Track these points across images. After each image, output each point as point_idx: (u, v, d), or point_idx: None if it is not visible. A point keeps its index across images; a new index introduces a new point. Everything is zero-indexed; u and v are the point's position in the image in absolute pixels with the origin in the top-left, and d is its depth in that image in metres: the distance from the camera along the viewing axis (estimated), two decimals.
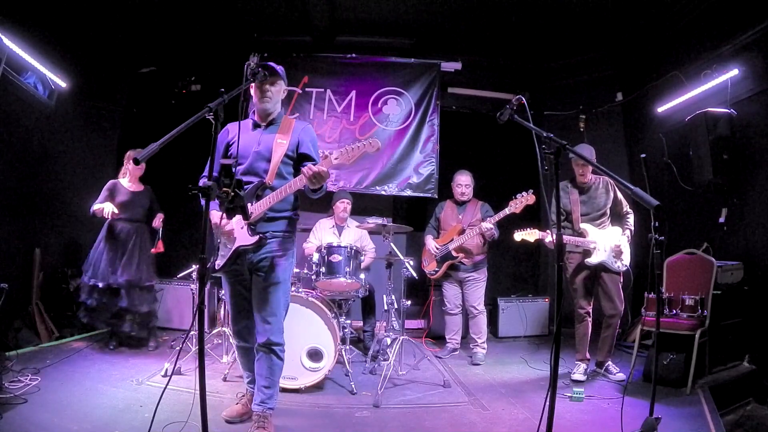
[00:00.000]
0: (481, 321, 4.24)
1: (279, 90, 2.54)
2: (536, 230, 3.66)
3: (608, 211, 3.69)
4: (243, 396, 2.80)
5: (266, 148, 2.46)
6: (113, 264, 3.86)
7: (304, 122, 2.69)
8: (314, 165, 2.26)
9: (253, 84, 2.42)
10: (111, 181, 4.02)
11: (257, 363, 2.52)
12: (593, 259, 3.55)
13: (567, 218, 3.72)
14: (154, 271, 4.12)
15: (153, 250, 4.00)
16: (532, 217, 4.72)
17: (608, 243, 3.56)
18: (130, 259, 3.89)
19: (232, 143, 2.48)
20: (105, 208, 3.73)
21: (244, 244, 2.39)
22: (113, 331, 4.04)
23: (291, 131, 2.51)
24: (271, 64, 2.45)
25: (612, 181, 3.61)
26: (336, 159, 2.28)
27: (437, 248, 4.27)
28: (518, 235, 3.71)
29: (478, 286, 4.26)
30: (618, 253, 3.56)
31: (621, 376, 3.61)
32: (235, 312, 2.59)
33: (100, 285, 3.81)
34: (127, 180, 4.03)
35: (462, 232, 4.16)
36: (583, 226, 3.61)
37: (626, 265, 3.64)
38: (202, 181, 2.50)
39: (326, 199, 4.60)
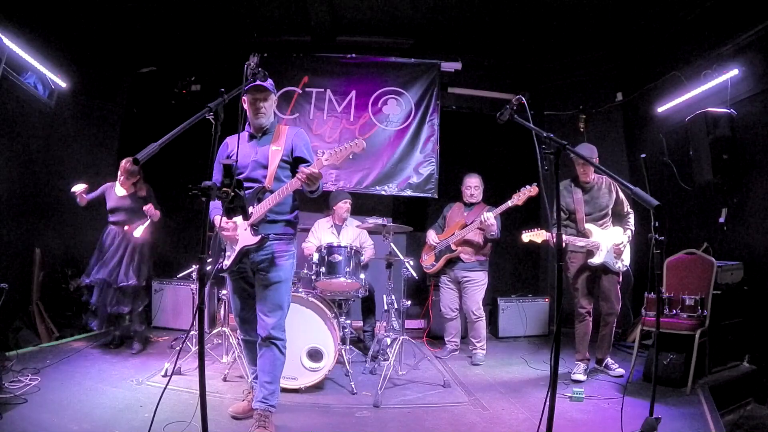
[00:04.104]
0: (480, 326, 4.21)
1: (271, 104, 2.67)
2: (543, 231, 3.64)
3: (610, 212, 3.69)
4: (249, 393, 2.84)
5: (263, 156, 2.59)
6: (98, 262, 3.89)
7: (295, 128, 2.82)
8: (307, 167, 2.40)
9: (245, 98, 2.52)
10: (108, 184, 4.02)
11: (260, 359, 2.57)
12: (596, 260, 3.56)
13: (570, 218, 3.70)
14: (141, 274, 3.97)
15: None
16: (532, 217, 4.72)
17: (610, 243, 3.57)
18: (108, 259, 3.87)
19: (232, 155, 2.58)
20: (76, 189, 3.77)
21: (248, 243, 2.49)
22: (113, 332, 4.08)
23: (285, 138, 2.64)
24: (259, 82, 2.41)
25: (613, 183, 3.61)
26: (326, 160, 2.43)
27: (437, 242, 4.27)
28: (526, 236, 3.69)
29: (476, 289, 4.20)
30: (618, 253, 3.57)
31: (620, 371, 3.64)
32: (240, 307, 2.69)
33: (86, 281, 3.87)
34: (119, 186, 3.99)
35: (464, 226, 4.15)
36: (587, 226, 3.61)
37: (626, 266, 3.64)
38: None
39: (324, 199, 4.61)
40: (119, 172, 3.95)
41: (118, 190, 3.99)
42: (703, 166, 3.84)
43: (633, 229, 3.66)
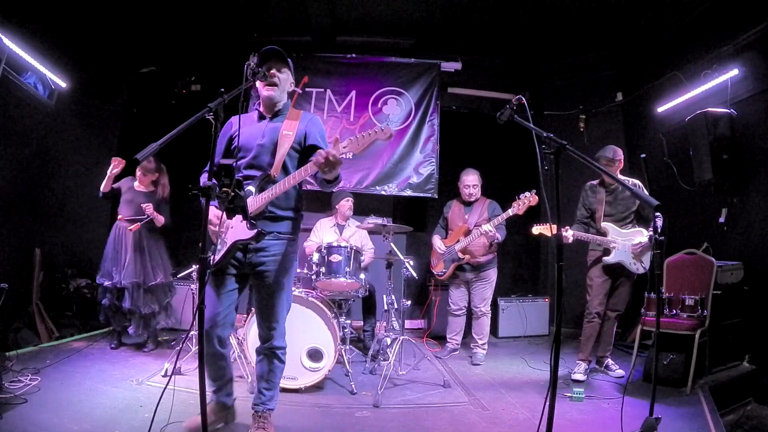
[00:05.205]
0: (484, 323, 4.23)
1: (286, 78, 2.44)
2: (554, 225, 3.65)
3: (633, 215, 3.70)
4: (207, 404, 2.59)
5: (271, 140, 2.35)
6: (117, 264, 3.88)
7: (310, 113, 2.58)
8: (324, 150, 2.06)
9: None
10: (129, 177, 4.03)
11: (258, 365, 2.50)
12: (612, 258, 3.58)
13: (591, 217, 3.77)
14: (164, 270, 4.04)
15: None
16: (533, 215, 4.71)
17: (628, 243, 3.58)
18: (133, 260, 3.88)
19: (236, 136, 2.36)
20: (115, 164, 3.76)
21: (242, 238, 2.26)
22: (117, 331, 4.07)
23: (298, 122, 2.41)
24: (279, 48, 2.35)
25: (641, 185, 3.62)
26: (345, 147, 2.09)
27: (444, 249, 4.27)
28: (536, 229, 3.79)
29: (485, 288, 4.23)
30: (636, 254, 3.56)
31: (621, 372, 3.66)
32: (214, 309, 2.30)
33: (106, 284, 3.86)
34: (137, 182, 4.02)
35: (468, 233, 4.13)
36: (605, 225, 3.64)
37: (645, 268, 3.62)
38: (204, 178, 2.48)
39: (326, 199, 4.62)
40: (138, 170, 3.95)
41: (136, 184, 4.02)
42: (703, 166, 3.84)
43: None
